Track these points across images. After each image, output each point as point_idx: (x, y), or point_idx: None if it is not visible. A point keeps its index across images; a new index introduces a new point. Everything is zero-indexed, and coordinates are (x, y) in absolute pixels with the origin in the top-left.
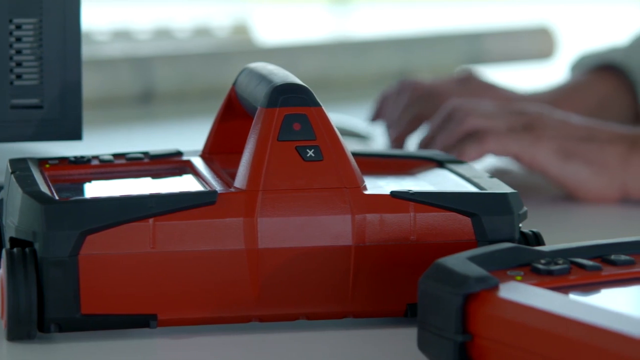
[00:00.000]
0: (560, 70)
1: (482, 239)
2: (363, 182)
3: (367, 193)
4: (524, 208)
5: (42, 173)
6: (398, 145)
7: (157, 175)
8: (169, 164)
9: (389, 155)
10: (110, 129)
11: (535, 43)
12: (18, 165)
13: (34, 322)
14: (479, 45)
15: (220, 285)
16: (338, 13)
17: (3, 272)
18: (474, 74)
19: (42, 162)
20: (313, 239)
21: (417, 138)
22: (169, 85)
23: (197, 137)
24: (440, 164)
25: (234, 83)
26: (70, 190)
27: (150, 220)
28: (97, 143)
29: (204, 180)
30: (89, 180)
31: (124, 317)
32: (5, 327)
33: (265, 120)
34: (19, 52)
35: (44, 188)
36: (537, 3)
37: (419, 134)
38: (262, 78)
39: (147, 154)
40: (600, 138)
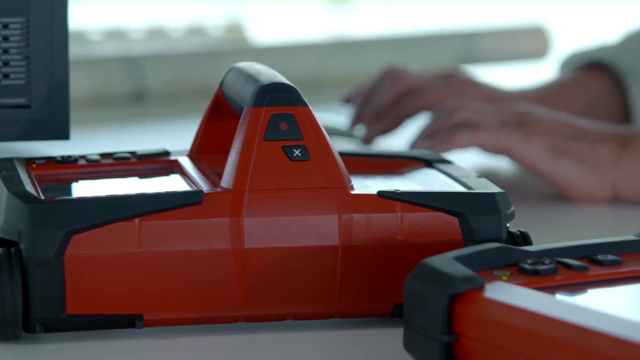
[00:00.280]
0: (555, 70)
1: (469, 239)
2: (350, 181)
3: (354, 193)
4: (512, 208)
5: (28, 173)
6: (369, 142)
7: (144, 175)
8: (156, 164)
9: (377, 155)
10: (102, 129)
11: (530, 42)
12: (4, 165)
13: (20, 322)
14: (474, 45)
15: (207, 286)
16: (337, 13)
17: None
18: (458, 71)
19: (28, 161)
20: (300, 239)
21: (398, 136)
22: (161, 85)
23: (188, 137)
24: (429, 164)
25: (221, 82)
26: (57, 190)
27: (136, 220)
28: (88, 143)
29: (191, 180)
30: (76, 180)
31: (110, 317)
32: None
33: (252, 120)
34: (6, 51)
35: (30, 188)
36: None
37: (400, 132)
38: (249, 77)
39: (134, 154)
40: (591, 137)
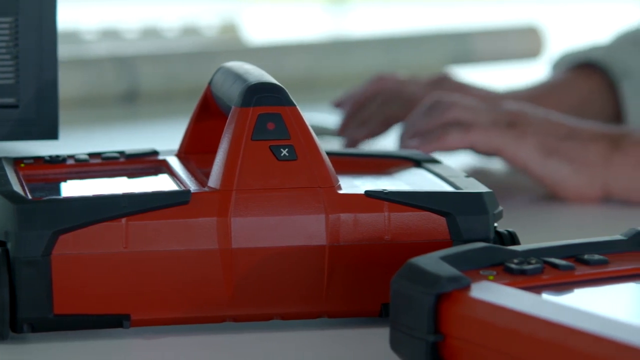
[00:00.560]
0: (547, 70)
1: (456, 239)
2: (337, 181)
3: (341, 192)
4: (500, 207)
5: (16, 172)
6: (357, 144)
7: (132, 175)
8: (145, 164)
9: (366, 155)
10: (94, 129)
11: (523, 42)
12: None
13: (7, 322)
14: (467, 45)
15: (194, 285)
16: (335, 13)
17: None
18: (448, 76)
19: (17, 161)
20: (287, 239)
21: (387, 139)
22: (154, 85)
23: (181, 137)
24: (418, 164)
25: (210, 82)
26: (45, 190)
27: (123, 220)
28: (80, 143)
29: (179, 180)
30: (64, 180)
31: (97, 317)
32: None
33: (239, 120)
34: None
35: (18, 188)
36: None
37: (390, 135)
38: (237, 77)
39: (122, 154)
40: (583, 136)
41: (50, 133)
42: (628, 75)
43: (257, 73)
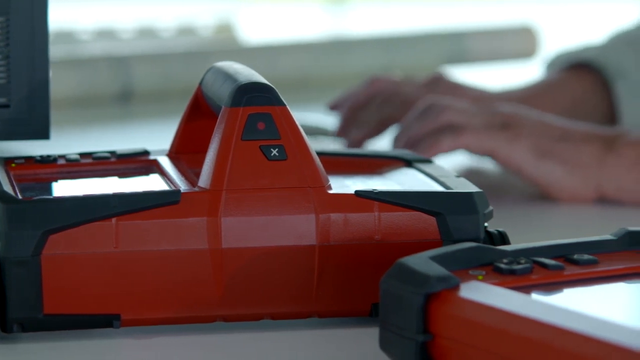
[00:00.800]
0: (542, 70)
1: (447, 239)
2: (328, 181)
3: (331, 192)
4: (490, 207)
5: (7, 172)
6: (357, 145)
7: (123, 175)
8: (136, 164)
9: (358, 155)
10: (89, 129)
11: (519, 42)
12: None
13: None
14: (462, 45)
15: (184, 285)
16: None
17: None
18: (444, 76)
19: (8, 161)
20: (277, 239)
21: (382, 139)
22: (149, 85)
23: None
24: (409, 164)
25: (201, 82)
26: (35, 190)
27: (113, 220)
28: (74, 142)
29: (170, 180)
30: (55, 180)
31: (87, 317)
32: None
33: (229, 120)
34: None
35: (8, 188)
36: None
37: (385, 136)
38: (227, 77)
39: (113, 153)
40: (576, 138)
41: (42, 133)
42: (622, 76)
43: (247, 73)
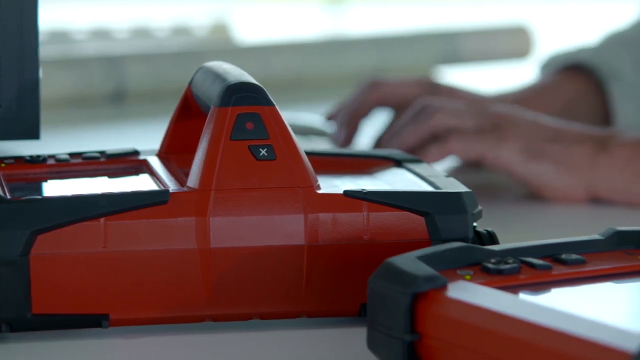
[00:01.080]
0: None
1: (435, 238)
2: (316, 181)
3: (320, 192)
4: (479, 207)
5: None
6: (345, 145)
7: (113, 175)
8: (125, 164)
9: (348, 155)
10: (83, 129)
11: (513, 42)
12: None
13: None
14: (456, 45)
15: (173, 285)
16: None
17: None
18: (438, 80)
19: None
20: (265, 239)
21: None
22: (143, 85)
23: None
24: (398, 163)
25: (190, 82)
26: (24, 190)
27: (102, 220)
28: (68, 142)
29: (159, 180)
30: (45, 180)
31: (76, 316)
32: None
33: (218, 120)
34: None
35: None
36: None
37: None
38: (216, 77)
39: (103, 153)
40: (568, 138)
41: (32, 133)
42: (616, 77)
43: (236, 73)
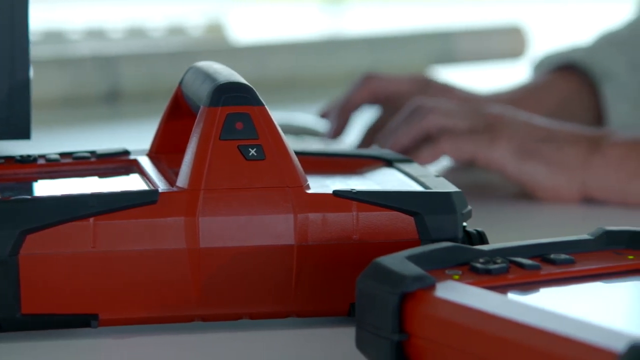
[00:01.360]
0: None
1: (425, 238)
2: (306, 181)
3: (309, 192)
4: (469, 207)
5: None
6: (335, 137)
7: (103, 175)
8: (116, 163)
9: (338, 155)
10: (77, 129)
11: (507, 42)
12: None
13: None
14: (450, 45)
15: (162, 285)
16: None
17: None
18: (433, 77)
19: None
20: (255, 239)
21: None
22: (137, 85)
23: None
24: (389, 163)
25: (181, 82)
26: (14, 190)
27: (91, 220)
28: (61, 142)
29: (149, 180)
30: (35, 180)
31: (65, 316)
32: None
33: (208, 119)
34: None
35: None
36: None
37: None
38: (206, 77)
39: (94, 153)
40: (561, 138)
41: (23, 133)
42: (609, 77)
43: (226, 73)
